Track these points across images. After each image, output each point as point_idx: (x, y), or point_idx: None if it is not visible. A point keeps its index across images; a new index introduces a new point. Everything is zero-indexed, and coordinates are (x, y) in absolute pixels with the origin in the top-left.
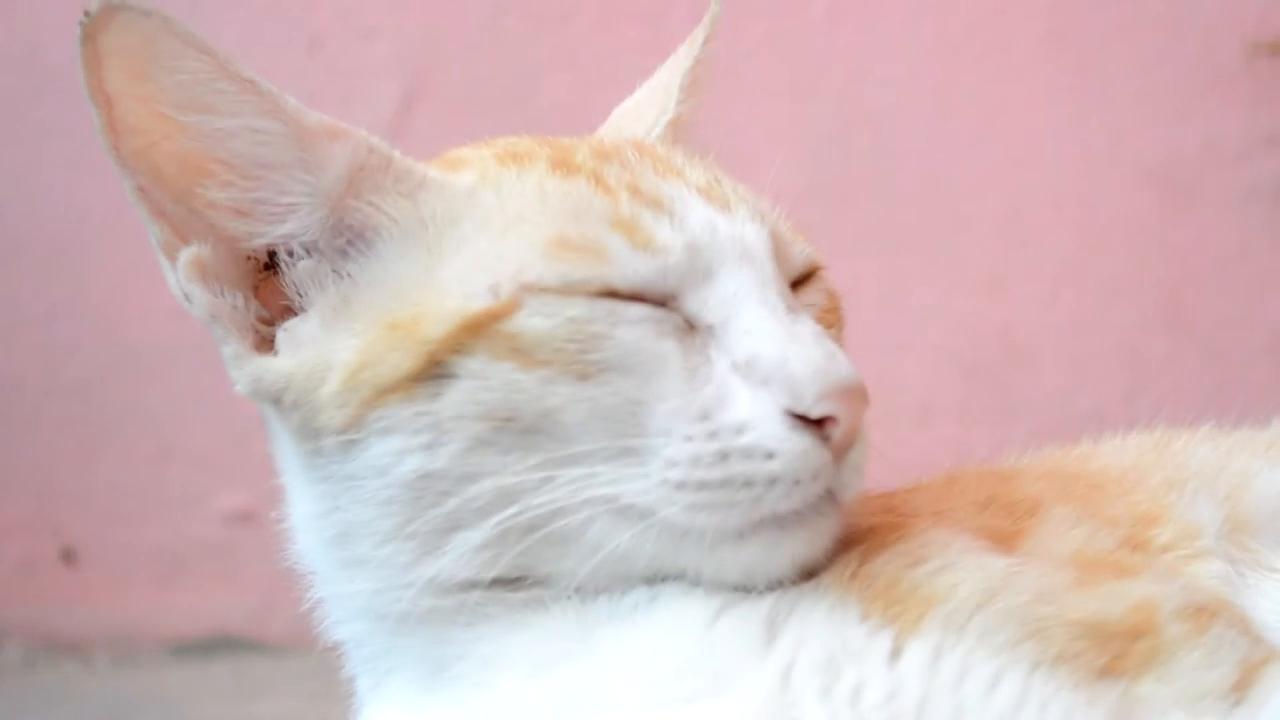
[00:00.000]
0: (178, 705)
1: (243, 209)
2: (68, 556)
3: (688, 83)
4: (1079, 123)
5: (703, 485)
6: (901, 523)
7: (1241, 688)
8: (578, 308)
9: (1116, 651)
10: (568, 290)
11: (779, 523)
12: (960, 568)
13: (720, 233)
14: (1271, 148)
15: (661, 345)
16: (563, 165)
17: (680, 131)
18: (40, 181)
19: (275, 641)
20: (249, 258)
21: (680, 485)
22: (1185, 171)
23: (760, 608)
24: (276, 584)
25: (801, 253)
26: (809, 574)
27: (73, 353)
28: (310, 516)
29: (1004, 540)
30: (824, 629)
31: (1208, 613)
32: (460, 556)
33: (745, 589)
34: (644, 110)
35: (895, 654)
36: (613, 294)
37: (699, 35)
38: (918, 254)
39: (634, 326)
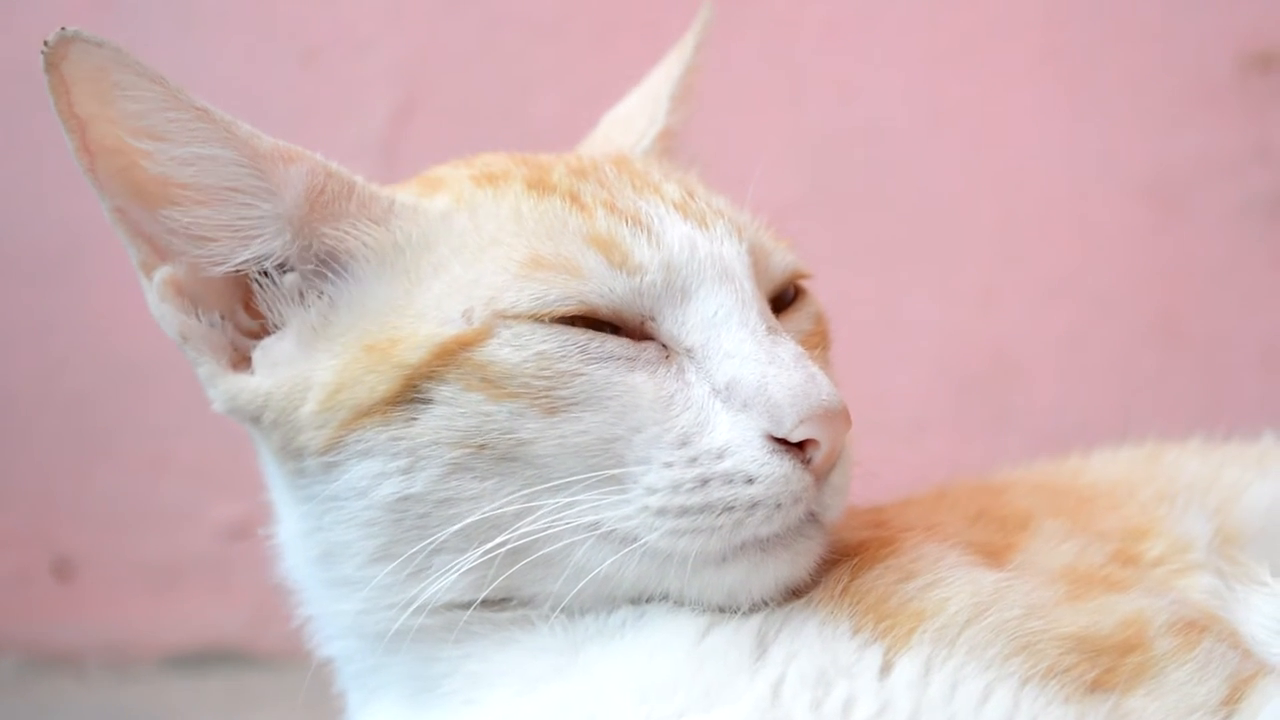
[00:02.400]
0: (171, 718)
1: (206, 235)
2: (62, 569)
3: (678, 92)
4: (1072, 137)
5: (684, 511)
6: (892, 537)
7: (1231, 702)
8: (549, 342)
9: (1107, 666)
10: (543, 313)
11: (761, 546)
12: (951, 582)
13: (699, 251)
14: (1263, 162)
15: (633, 379)
16: (538, 185)
17: (671, 141)
18: (35, 194)
19: (269, 654)
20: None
21: (661, 511)
22: (1177, 186)
23: (751, 622)
24: (270, 597)
25: (782, 261)
26: (796, 593)
27: (67, 365)
28: (296, 535)
29: (995, 554)
30: (815, 643)
31: (1198, 627)
32: (446, 581)
33: (729, 610)
34: (635, 118)
35: (886, 669)
36: (592, 313)
37: (689, 41)
38: (910, 268)
39: (605, 364)
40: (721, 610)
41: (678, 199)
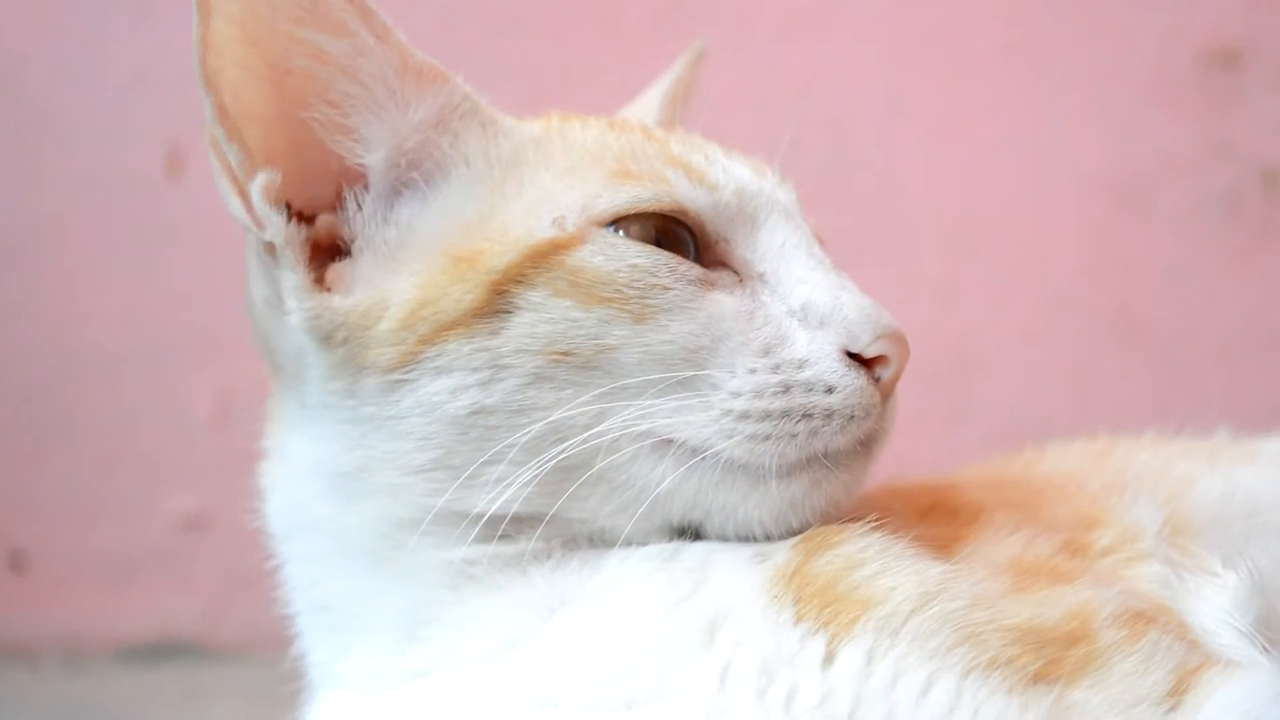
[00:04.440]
0: (126, 711)
1: (342, 128)
2: (15, 561)
3: (670, 94)
4: (1032, 133)
5: (766, 415)
6: (842, 527)
7: (1176, 693)
8: (642, 257)
9: (1051, 657)
10: (638, 210)
11: (827, 460)
12: (897, 572)
13: (764, 187)
14: (1224, 158)
15: (716, 295)
16: (616, 125)
17: None
18: None
19: (224, 647)
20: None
21: (744, 415)
22: (1137, 182)
23: (704, 606)
24: (226, 589)
25: (808, 220)
26: (827, 519)
27: (22, 357)
28: (318, 458)
29: (944, 546)
30: (760, 631)
31: (1144, 619)
32: (498, 493)
33: (764, 536)
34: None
35: (829, 658)
36: (680, 214)
37: (679, 63)
38: (870, 263)
39: (691, 284)
40: (753, 537)
41: (727, 153)
